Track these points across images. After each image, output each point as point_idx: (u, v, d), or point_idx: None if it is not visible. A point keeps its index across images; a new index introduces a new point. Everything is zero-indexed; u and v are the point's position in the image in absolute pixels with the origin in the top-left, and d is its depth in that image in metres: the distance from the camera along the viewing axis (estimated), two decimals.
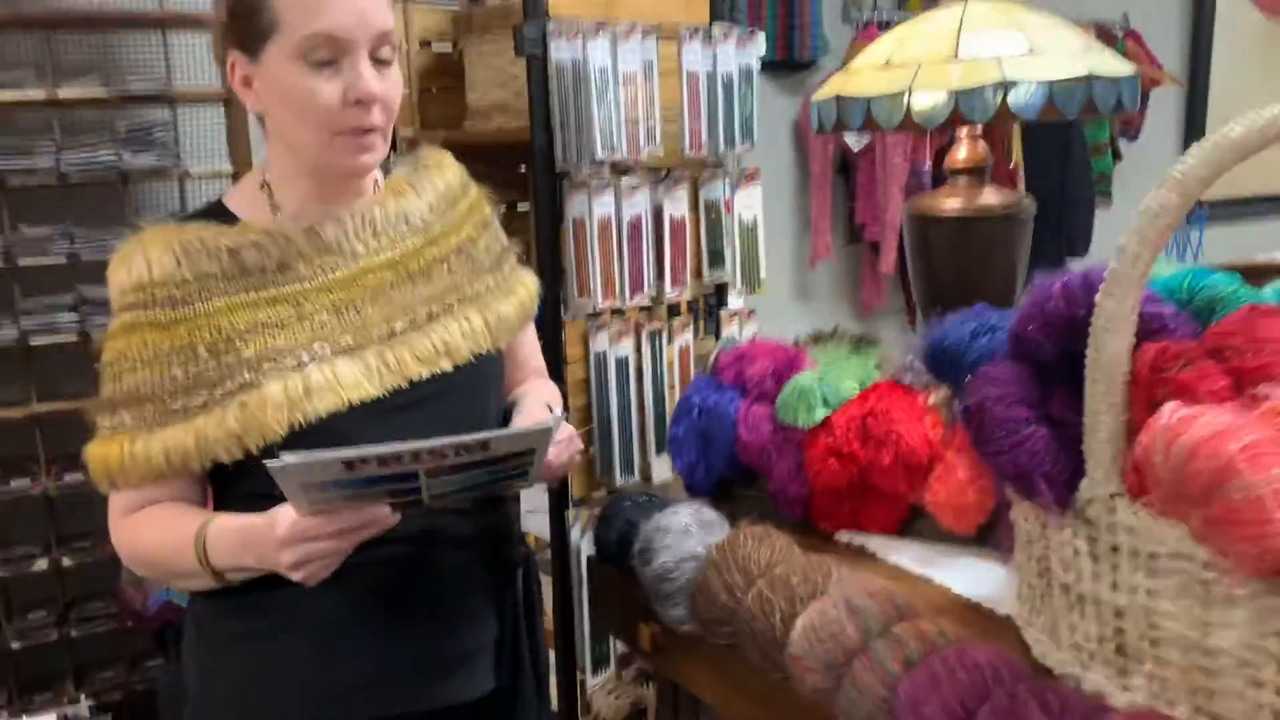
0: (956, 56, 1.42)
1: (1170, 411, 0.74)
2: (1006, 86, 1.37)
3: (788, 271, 3.83)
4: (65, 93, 2.29)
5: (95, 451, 1.12)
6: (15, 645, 2.35)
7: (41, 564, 2.37)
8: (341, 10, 1.05)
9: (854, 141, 3.55)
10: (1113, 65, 1.44)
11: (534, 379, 1.41)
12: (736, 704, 1.23)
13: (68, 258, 2.30)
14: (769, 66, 3.58)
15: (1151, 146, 4.26)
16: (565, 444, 1.24)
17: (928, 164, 3.48)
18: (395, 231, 1.19)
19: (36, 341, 2.32)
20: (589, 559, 1.52)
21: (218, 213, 1.17)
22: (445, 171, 1.29)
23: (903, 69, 1.45)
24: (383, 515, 1.03)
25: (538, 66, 1.71)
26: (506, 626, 1.26)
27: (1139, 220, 0.82)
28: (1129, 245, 0.82)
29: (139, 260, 1.09)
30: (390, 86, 1.11)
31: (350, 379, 1.10)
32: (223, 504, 1.16)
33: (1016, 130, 3.55)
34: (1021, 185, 3.56)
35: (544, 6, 1.71)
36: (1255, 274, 1.07)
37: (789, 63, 3.53)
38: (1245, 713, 0.80)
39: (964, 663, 0.96)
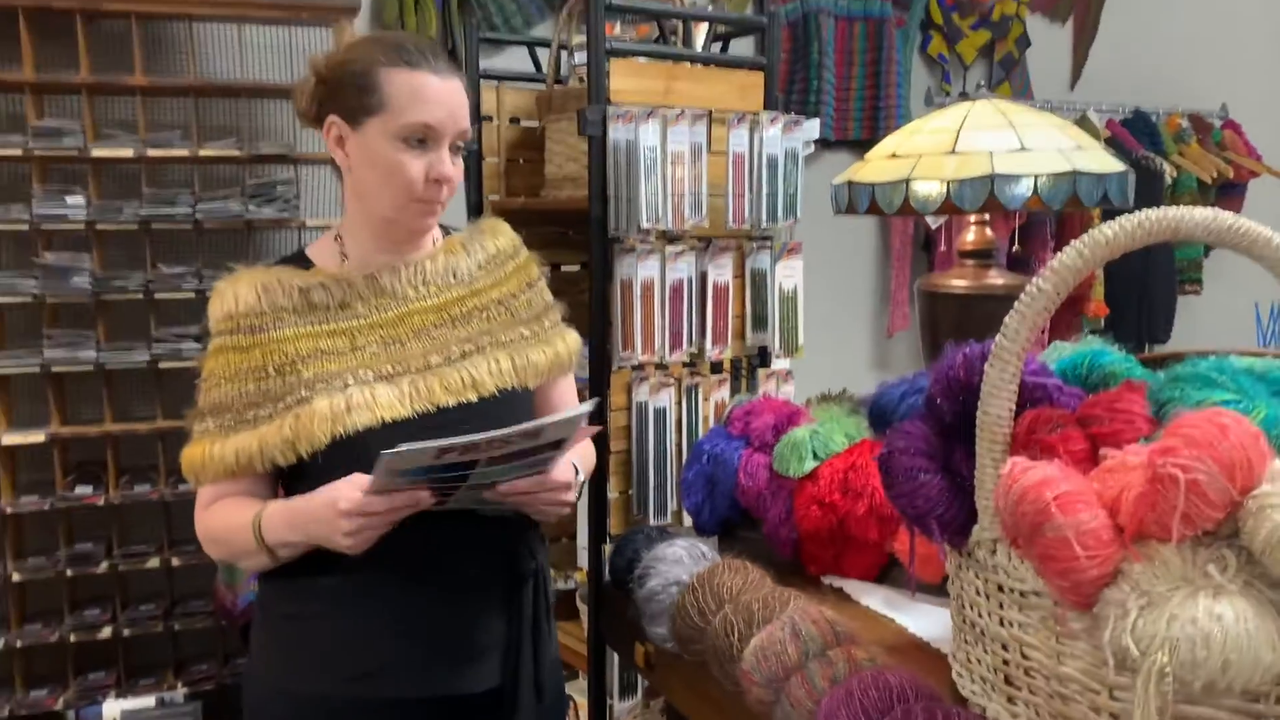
0: (954, 151, 1.57)
1: (1011, 463, 0.88)
2: (994, 179, 1.51)
3: (867, 341, 3.95)
4: (205, 151, 2.63)
5: (186, 453, 1.36)
6: (126, 633, 2.65)
7: (154, 562, 2.66)
8: (440, 107, 1.31)
9: (933, 219, 3.67)
10: (1102, 163, 1.56)
11: None
12: (704, 714, 1.38)
13: (196, 293, 2.63)
14: (855, 144, 3.76)
15: None
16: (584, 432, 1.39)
17: (1002, 244, 3.56)
18: (443, 282, 1.43)
19: (165, 365, 2.64)
20: (604, 584, 1.69)
21: (297, 259, 1.43)
22: (499, 237, 1.52)
23: (906, 160, 1.61)
24: (423, 498, 1.23)
25: (596, 144, 1.92)
26: (513, 630, 1.43)
27: (1020, 302, 0.96)
28: (1010, 323, 0.96)
29: (229, 295, 1.35)
30: (457, 171, 1.36)
31: (385, 400, 1.32)
32: None
33: (1096, 216, 3.61)
34: (1100, 271, 3.60)
35: (605, 93, 1.93)
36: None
37: (874, 140, 3.68)
38: None
39: (877, 683, 1.09)
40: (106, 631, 2.63)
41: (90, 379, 2.65)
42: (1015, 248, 3.55)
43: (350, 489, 1.22)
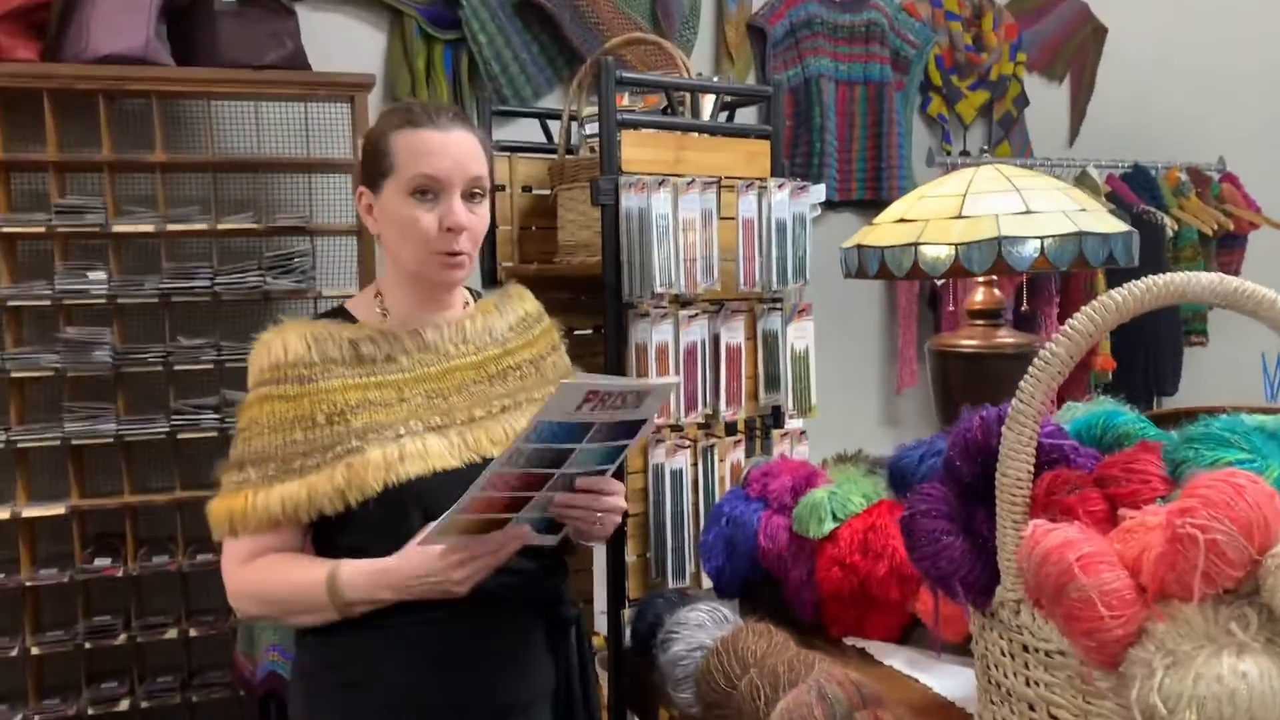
0: (961, 214, 1.62)
1: (1033, 525, 0.90)
2: (1002, 241, 1.55)
3: (876, 398, 3.97)
4: (223, 225, 2.69)
5: (219, 505, 1.37)
6: (144, 705, 2.64)
7: (172, 633, 2.66)
8: (441, 158, 1.37)
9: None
10: (1106, 224, 1.60)
11: None
12: None
13: (214, 364, 2.66)
14: (859, 205, 3.82)
15: None
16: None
17: (1009, 301, 3.60)
18: (480, 341, 1.49)
19: (183, 436, 2.67)
20: (625, 648, 1.69)
21: (340, 314, 1.48)
22: (525, 302, 1.60)
23: (914, 224, 1.65)
24: (524, 533, 1.27)
25: (609, 213, 1.97)
26: (561, 677, 1.46)
27: (1034, 366, 0.99)
28: (1025, 387, 0.99)
29: (277, 345, 1.38)
30: (477, 220, 1.41)
31: (436, 451, 1.36)
32: (326, 555, 1.39)
33: (1102, 274, 3.65)
34: None
35: (617, 163, 1.98)
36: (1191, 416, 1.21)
37: (878, 201, 3.74)
38: None
39: None
40: (124, 704, 2.62)
41: (109, 451, 2.68)
42: (1024, 306, 3.59)
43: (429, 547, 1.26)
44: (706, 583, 2.09)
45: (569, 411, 1.17)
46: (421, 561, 1.27)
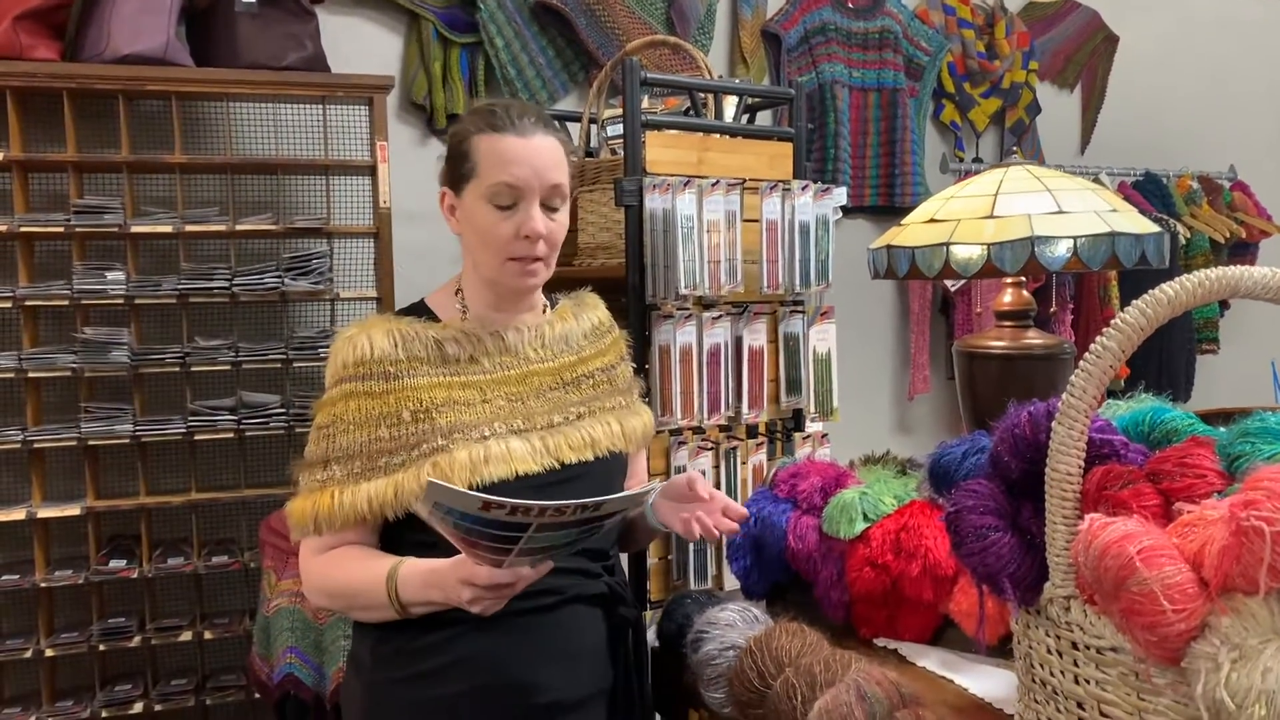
0: (992, 214, 1.61)
1: (1090, 520, 0.90)
2: (1034, 241, 1.54)
3: (888, 404, 3.97)
4: (241, 226, 2.68)
5: (301, 504, 1.35)
6: (159, 708, 2.62)
7: (186, 636, 2.65)
8: (521, 166, 1.37)
9: (951, 282, 3.71)
10: (1138, 224, 1.60)
11: None
12: None
13: (231, 365, 2.66)
14: (873, 211, 3.82)
15: None
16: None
17: None
18: (558, 347, 1.49)
19: (200, 437, 2.66)
20: (652, 649, 1.68)
21: (422, 310, 1.47)
22: (598, 311, 1.61)
23: (945, 224, 1.64)
24: (545, 570, 1.23)
25: (634, 214, 1.96)
26: (619, 675, 1.45)
27: (1086, 361, 0.98)
28: (1077, 380, 0.98)
29: (363, 341, 1.36)
30: (556, 227, 1.41)
31: (520, 454, 1.35)
32: (394, 551, 1.37)
33: (1114, 278, 3.65)
34: None
35: (641, 164, 1.98)
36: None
37: (891, 208, 3.75)
38: None
39: None
40: (138, 707, 2.60)
41: (125, 452, 2.67)
42: (1053, 308, 3.58)
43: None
44: (729, 584, 2.09)
45: (471, 509, 1.11)
46: (451, 567, 1.24)
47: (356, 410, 1.34)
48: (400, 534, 1.36)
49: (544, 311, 1.53)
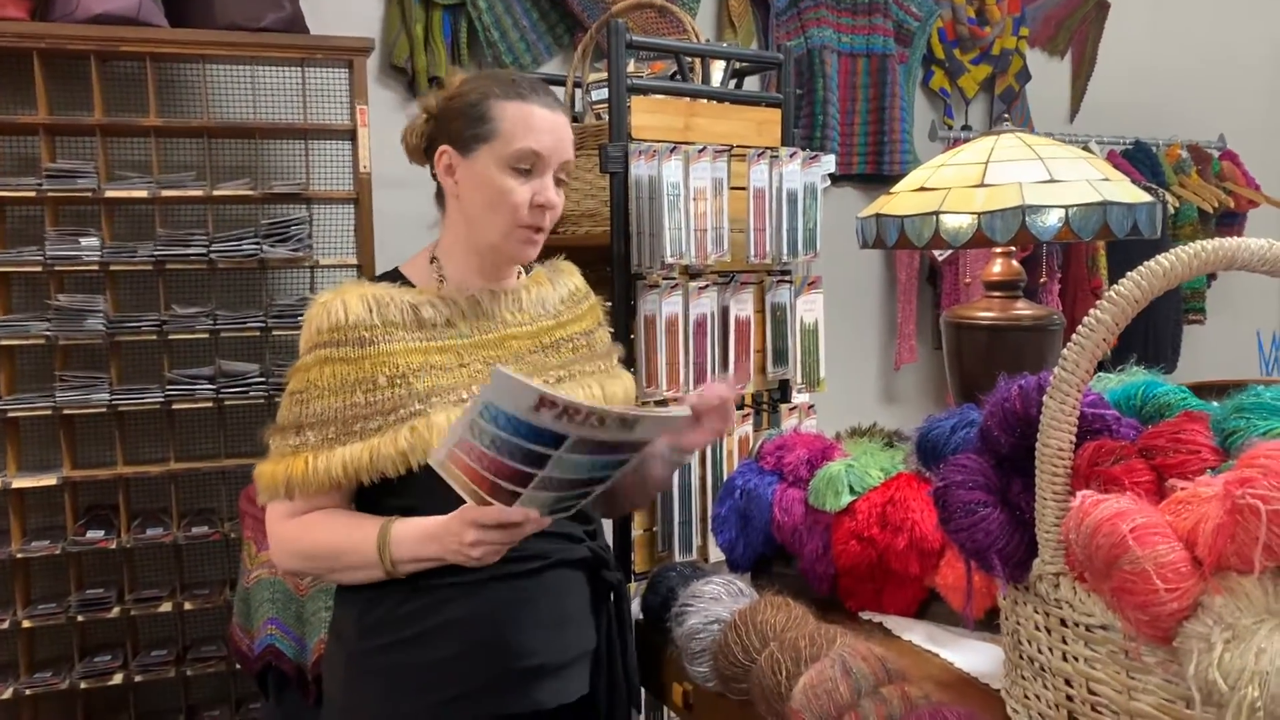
0: (983, 183, 1.58)
1: (1082, 496, 0.88)
2: (1025, 211, 1.52)
3: (874, 374, 3.95)
4: (219, 191, 2.63)
5: (272, 468, 1.33)
6: (138, 679, 2.60)
7: (166, 607, 2.62)
8: (548, 135, 1.37)
9: (939, 251, 3.68)
10: (1130, 194, 1.57)
11: None
12: None
13: (209, 334, 2.61)
14: (861, 179, 3.78)
15: None
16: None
17: None
18: (535, 311, 1.48)
19: (178, 406, 2.62)
20: (636, 622, 1.67)
21: (396, 277, 1.45)
22: (574, 277, 1.60)
23: (935, 193, 1.62)
24: (544, 522, 1.22)
25: (619, 181, 1.93)
26: (602, 638, 1.45)
27: (1078, 334, 0.96)
28: (1069, 354, 0.96)
29: (337, 306, 1.34)
30: (561, 201, 1.42)
31: None
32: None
33: (1102, 248, 3.63)
34: None
35: (627, 129, 1.94)
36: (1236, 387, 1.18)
37: (879, 176, 3.71)
38: None
39: (935, 719, 1.08)
40: (117, 678, 2.58)
41: (102, 421, 2.63)
42: (1043, 279, 3.57)
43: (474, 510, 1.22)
44: (713, 556, 2.07)
45: (521, 408, 1.07)
46: (457, 521, 1.24)
47: (331, 376, 1.32)
48: (378, 499, 1.34)
49: (518, 278, 1.52)
